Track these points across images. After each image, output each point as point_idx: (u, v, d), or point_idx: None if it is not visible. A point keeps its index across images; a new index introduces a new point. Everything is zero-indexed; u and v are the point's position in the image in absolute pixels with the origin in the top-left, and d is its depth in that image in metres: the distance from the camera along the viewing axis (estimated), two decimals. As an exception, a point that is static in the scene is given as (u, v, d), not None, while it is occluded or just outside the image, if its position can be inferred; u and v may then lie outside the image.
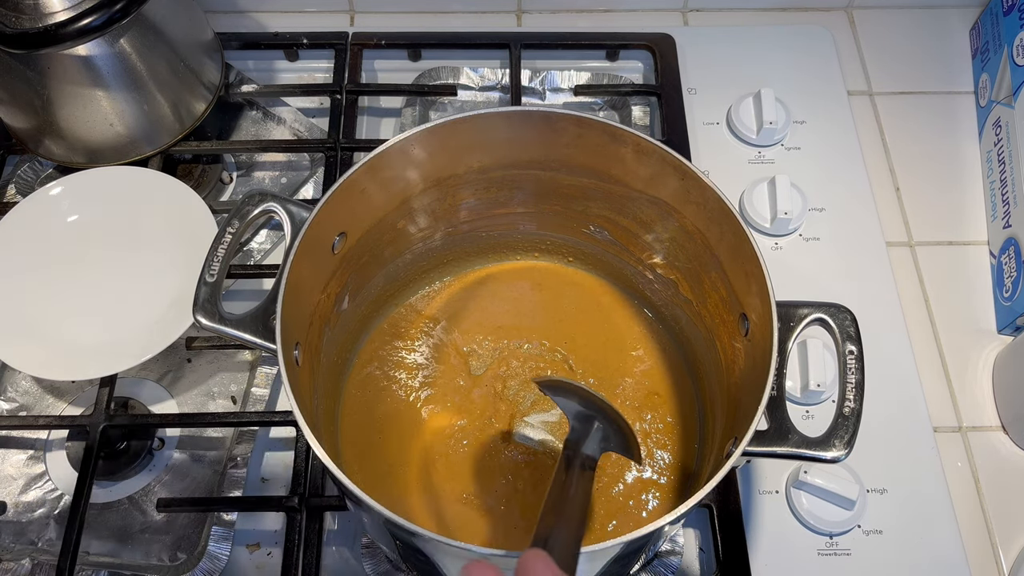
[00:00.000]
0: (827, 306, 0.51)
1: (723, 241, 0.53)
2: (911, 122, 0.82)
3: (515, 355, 0.64)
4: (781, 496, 0.62)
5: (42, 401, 0.68)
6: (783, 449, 0.47)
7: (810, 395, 0.64)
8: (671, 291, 0.63)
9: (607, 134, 0.55)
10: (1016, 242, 0.70)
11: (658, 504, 0.58)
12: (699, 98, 0.81)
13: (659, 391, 0.63)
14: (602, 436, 0.49)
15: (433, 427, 0.61)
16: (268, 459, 0.65)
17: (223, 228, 0.52)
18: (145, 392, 0.68)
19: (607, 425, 0.49)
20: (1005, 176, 0.74)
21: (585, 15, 0.88)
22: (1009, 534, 0.62)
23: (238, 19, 0.87)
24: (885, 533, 0.60)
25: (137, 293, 0.67)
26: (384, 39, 0.83)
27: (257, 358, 0.69)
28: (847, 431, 0.47)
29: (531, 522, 0.57)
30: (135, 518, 0.63)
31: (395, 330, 0.65)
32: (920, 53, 0.86)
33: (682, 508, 0.42)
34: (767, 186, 0.73)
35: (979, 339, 0.71)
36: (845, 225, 0.74)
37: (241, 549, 0.61)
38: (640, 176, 0.57)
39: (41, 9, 0.63)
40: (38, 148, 0.73)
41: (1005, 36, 0.79)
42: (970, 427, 0.67)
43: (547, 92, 0.84)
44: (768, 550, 0.60)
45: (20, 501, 0.64)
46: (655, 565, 0.59)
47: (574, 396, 0.50)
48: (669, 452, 0.60)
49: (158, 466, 0.65)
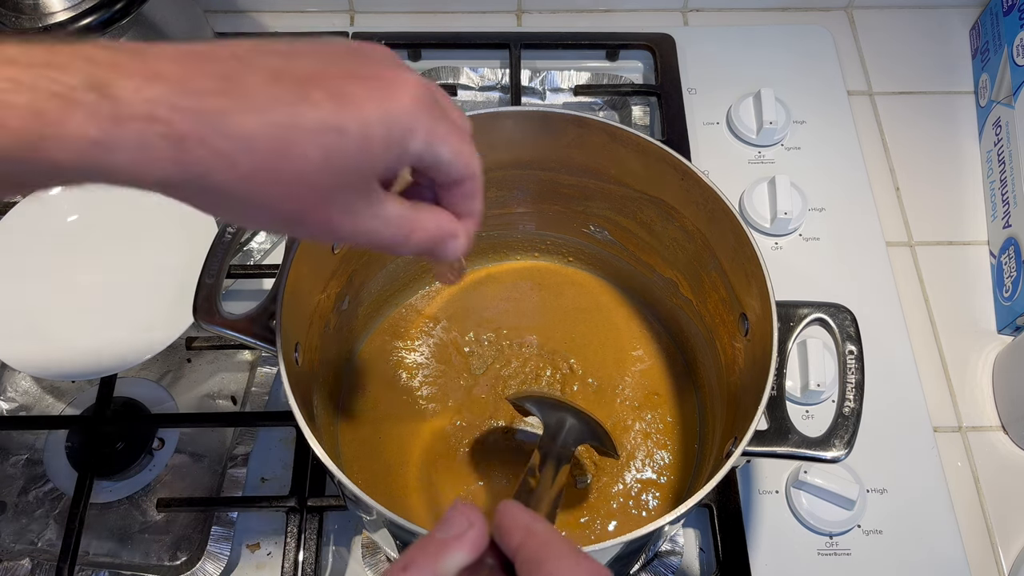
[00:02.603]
0: (827, 306, 0.51)
1: (723, 241, 0.53)
2: (911, 122, 0.82)
3: (515, 355, 0.64)
4: (781, 496, 0.62)
5: (42, 401, 0.68)
6: (783, 449, 0.47)
7: (810, 395, 0.64)
8: (671, 291, 0.63)
9: (607, 134, 0.55)
10: (1016, 242, 0.70)
11: (658, 504, 0.58)
12: (699, 98, 0.81)
13: (659, 391, 0.63)
14: (576, 431, 0.50)
15: (433, 427, 0.61)
16: (268, 459, 0.65)
17: (223, 228, 0.52)
18: (145, 392, 0.68)
19: (579, 422, 0.50)
20: (1005, 176, 0.74)
21: (585, 15, 0.88)
22: (1009, 534, 0.62)
23: (238, 19, 0.87)
24: (885, 533, 0.60)
25: (137, 293, 0.67)
26: (384, 39, 0.83)
27: (257, 358, 0.69)
28: (847, 431, 0.47)
29: (531, 522, 0.57)
30: (135, 518, 0.63)
31: (395, 330, 0.65)
32: (920, 53, 0.86)
33: (682, 508, 0.42)
34: (767, 186, 0.73)
35: (979, 339, 0.71)
36: (845, 225, 0.74)
37: (241, 549, 0.61)
38: (640, 176, 0.57)
39: (41, 9, 0.63)
40: (38, 148, 0.73)
41: (1005, 36, 0.79)
42: (970, 427, 0.67)
43: (547, 92, 0.84)
44: (768, 550, 0.60)
45: (20, 501, 0.64)
46: (655, 565, 0.59)
47: (544, 402, 0.52)
48: (669, 452, 0.60)
49: (158, 466, 0.65)
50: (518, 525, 0.28)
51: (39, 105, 0.27)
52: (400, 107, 0.32)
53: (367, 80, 0.32)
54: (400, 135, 0.32)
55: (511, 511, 0.29)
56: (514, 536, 0.27)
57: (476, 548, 0.28)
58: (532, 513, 0.29)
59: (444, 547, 0.27)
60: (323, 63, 0.32)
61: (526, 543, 0.27)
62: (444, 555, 0.27)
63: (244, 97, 0.29)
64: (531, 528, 0.28)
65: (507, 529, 0.28)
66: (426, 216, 0.37)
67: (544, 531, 0.28)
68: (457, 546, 0.27)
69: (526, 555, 0.27)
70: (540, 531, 0.28)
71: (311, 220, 0.33)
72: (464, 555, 0.27)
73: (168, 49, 0.30)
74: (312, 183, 0.31)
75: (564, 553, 0.27)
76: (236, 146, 0.29)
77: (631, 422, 0.61)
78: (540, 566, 0.26)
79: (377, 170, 0.33)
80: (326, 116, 0.30)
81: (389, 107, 0.32)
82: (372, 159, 0.32)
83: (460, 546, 0.27)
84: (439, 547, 0.27)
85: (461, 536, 0.28)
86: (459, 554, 0.27)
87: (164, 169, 0.28)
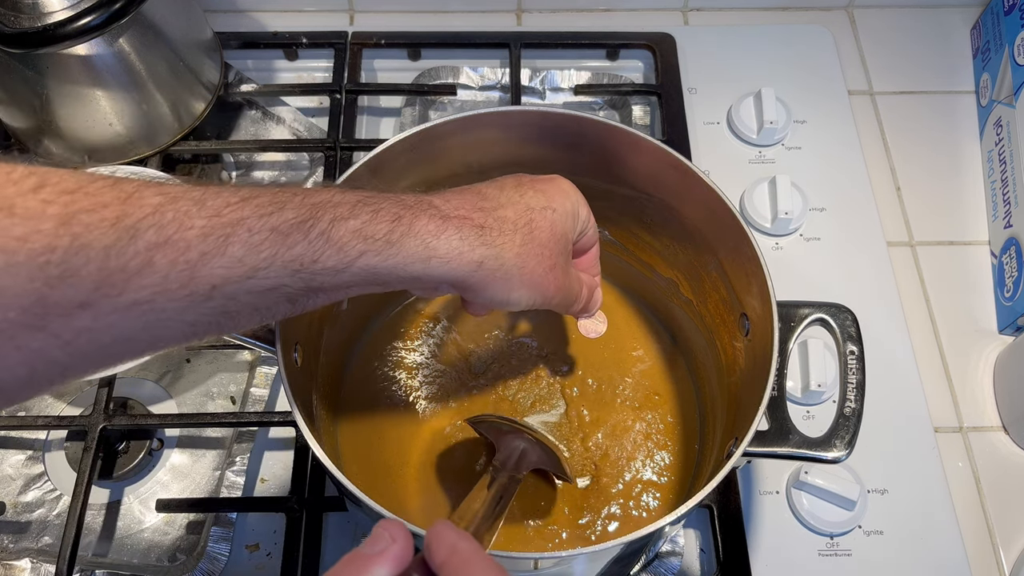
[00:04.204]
0: (828, 306, 0.51)
1: (723, 241, 0.53)
2: (912, 122, 0.82)
3: (515, 355, 0.64)
4: (782, 496, 0.62)
5: (41, 401, 0.68)
6: (784, 449, 0.47)
7: (811, 395, 0.64)
8: (671, 291, 0.63)
9: (607, 134, 0.55)
10: (1017, 242, 0.70)
11: (658, 505, 0.58)
12: (699, 97, 0.81)
13: (659, 391, 0.63)
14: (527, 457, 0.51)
15: (433, 427, 0.61)
16: (268, 459, 0.65)
17: None
18: (144, 392, 0.68)
19: (532, 448, 0.52)
20: (1006, 176, 0.74)
21: (585, 14, 0.88)
22: (1010, 534, 0.62)
23: (237, 18, 0.86)
24: (886, 533, 0.60)
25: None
26: (384, 38, 0.83)
27: (257, 358, 0.69)
28: (848, 431, 0.47)
29: (532, 522, 0.57)
30: (134, 518, 0.63)
31: (395, 330, 0.65)
32: (921, 52, 0.86)
33: (682, 509, 0.42)
34: (768, 186, 0.73)
35: (980, 339, 0.70)
36: (846, 225, 0.74)
37: (241, 549, 0.61)
38: (640, 176, 0.57)
39: (40, 8, 0.63)
40: (37, 148, 0.73)
41: (1006, 35, 0.78)
42: (971, 427, 0.67)
43: (547, 92, 0.84)
44: (769, 551, 0.60)
45: (19, 502, 0.64)
46: (655, 566, 0.59)
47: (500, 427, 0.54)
48: (669, 452, 0.60)
49: (157, 466, 0.65)
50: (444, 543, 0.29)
51: None
52: (570, 191, 0.48)
53: (542, 181, 0.47)
54: (576, 210, 0.48)
55: (438, 530, 0.30)
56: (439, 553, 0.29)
57: (398, 563, 0.29)
58: (460, 532, 0.31)
59: (368, 562, 0.29)
60: (512, 179, 0.47)
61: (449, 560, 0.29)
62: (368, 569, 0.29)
63: (494, 200, 0.44)
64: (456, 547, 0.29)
65: (433, 547, 0.30)
66: (584, 276, 0.51)
67: (468, 550, 0.29)
68: (379, 561, 0.29)
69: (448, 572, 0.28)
70: (464, 550, 0.29)
71: (548, 280, 0.44)
72: (386, 570, 0.29)
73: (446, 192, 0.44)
74: (547, 246, 0.44)
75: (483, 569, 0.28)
76: (509, 227, 0.43)
77: (631, 423, 0.61)
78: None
79: (572, 237, 0.48)
80: (541, 200, 0.45)
81: (565, 189, 0.48)
82: (569, 227, 0.47)
83: (382, 561, 0.29)
84: (364, 561, 0.29)
85: (384, 552, 0.30)
86: (381, 569, 0.29)
87: (475, 251, 0.40)
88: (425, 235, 0.38)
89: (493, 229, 0.41)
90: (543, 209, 0.45)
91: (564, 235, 0.46)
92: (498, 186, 0.45)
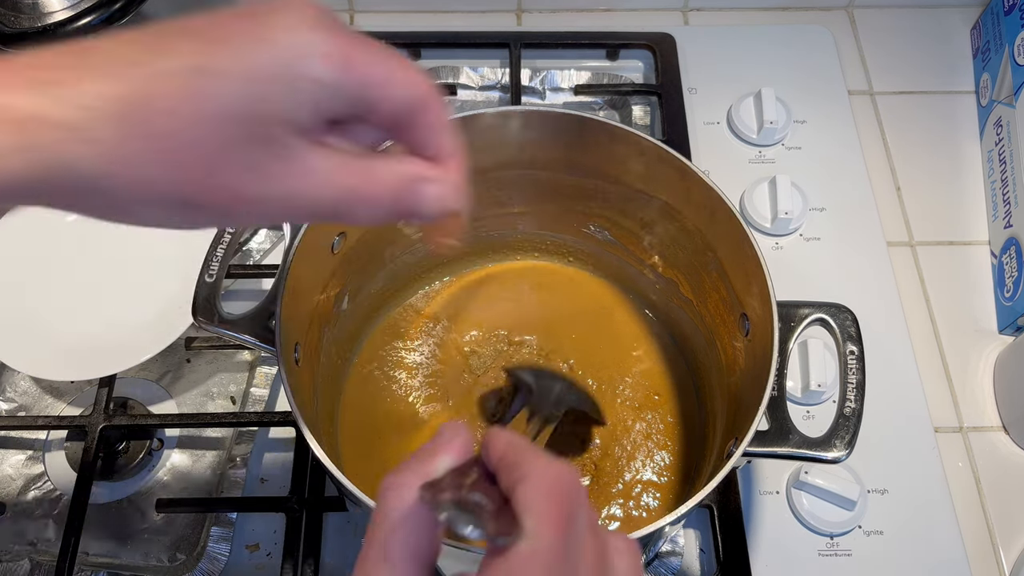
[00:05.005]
0: (828, 306, 0.51)
1: (723, 241, 0.53)
2: (912, 122, 0.82)
3: (515, 355, 0.64)
4: (782, 496, 0.62)
5: (41, 401, 0.68)
6: (784, 449, 0.47)
7: (811, 395, 0.64)
8: (671, 291, 0.63)
9: (607, 134, 0.55)
10: (1017, 242, 0.70)
11: (658, 505, 0.58)
12: (699, 97, 0.81)
13: (659, 391, 0.63)
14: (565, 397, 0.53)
15: (433, 427, 0.61)
16: (268, 459, 0.65)
17: (222, 228, 0.52)
18: (144, 392, 0.68)
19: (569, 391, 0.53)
20: (1006, 176, 0.74)
21: (585, 14, 0.88)
22: (1010, 534, 0.62)
23: (238, 18, 0.86)
24: (886, 534, 0.60)
25: (137, 293, 0.67)
26: (384, 38, 0.83)
27: (257, 358, 0.69)
28: (848, 431, 0.47)
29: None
30: (134, 518, 0.63)
31: (395, 330, 0.65)
32: (921, 53, 0.86)
33: (682, 508, 0.42)
34: (767, 186, 0.73)
35: (980, 339, 0.70)
36: (846, 225, 0.74)
37: (241, 549, 0.61)
38: (640, 176, 0.57)
39: (40, 8, 0.63)
40: (37, 148, 0.72)
41: (1006, 35, 0.78)
42: (971, 427, 0.67)
43: (547, 92, 0.84)
44: (768, 551, 0.60)
45: (19, 502, 0.64)
46: (655, 566, 0.59)
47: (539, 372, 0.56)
48: (669, 452, 0.60)
49: (157, 466, 0.65)
50: (501, 440, 0.30)
51: None
52: (284, 33, 0.27)
53: (244, 17, 0.28)
54: (293, 64, 0.27)
55: (495, 431, 0.31)
56: (497, 448, 0.30)
57: (460, 452, 0.30)
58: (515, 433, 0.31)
59: (433, 452, 0.30)
60: (209, 19, 0.28)
61: (506, 453, 0.29)
62: (433, 459, 0.30)
63: (96, 66, 0.26)
64: (512, 441, 0.30)
65: (491, 444, 0.30)
66: (380, 165, 0.31)
67: (523, 443, 0.30)
68: (444, 450, 0.30)
69: (506, 462, 0.29)
70: (519, 443, 0.30)
71: (208, 192, 0.28)
72: (450, 458, 0.30)
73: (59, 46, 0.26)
74: (190, 143, 0.26)
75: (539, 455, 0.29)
76: (87, 115, 0.25)
77: (631, 422, 0.61)
78: (517, 466, 0.28)
79: (282, 114, 0.28)
80: (187, 60, 0.26)
81: (269, 35, 0.27)
82: (266, 101, 0.27)
83: (447, 451, 0.30)
84: (429, 453, 0.30)
85: (448, 442, 0.30)
86: (446, 457, 0.30)
87: (11, 166, 0.25)
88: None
89: (43, 122, 0.25)
90: (183, 75, 0.26)
91: (243, 119, 0.27)
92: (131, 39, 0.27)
